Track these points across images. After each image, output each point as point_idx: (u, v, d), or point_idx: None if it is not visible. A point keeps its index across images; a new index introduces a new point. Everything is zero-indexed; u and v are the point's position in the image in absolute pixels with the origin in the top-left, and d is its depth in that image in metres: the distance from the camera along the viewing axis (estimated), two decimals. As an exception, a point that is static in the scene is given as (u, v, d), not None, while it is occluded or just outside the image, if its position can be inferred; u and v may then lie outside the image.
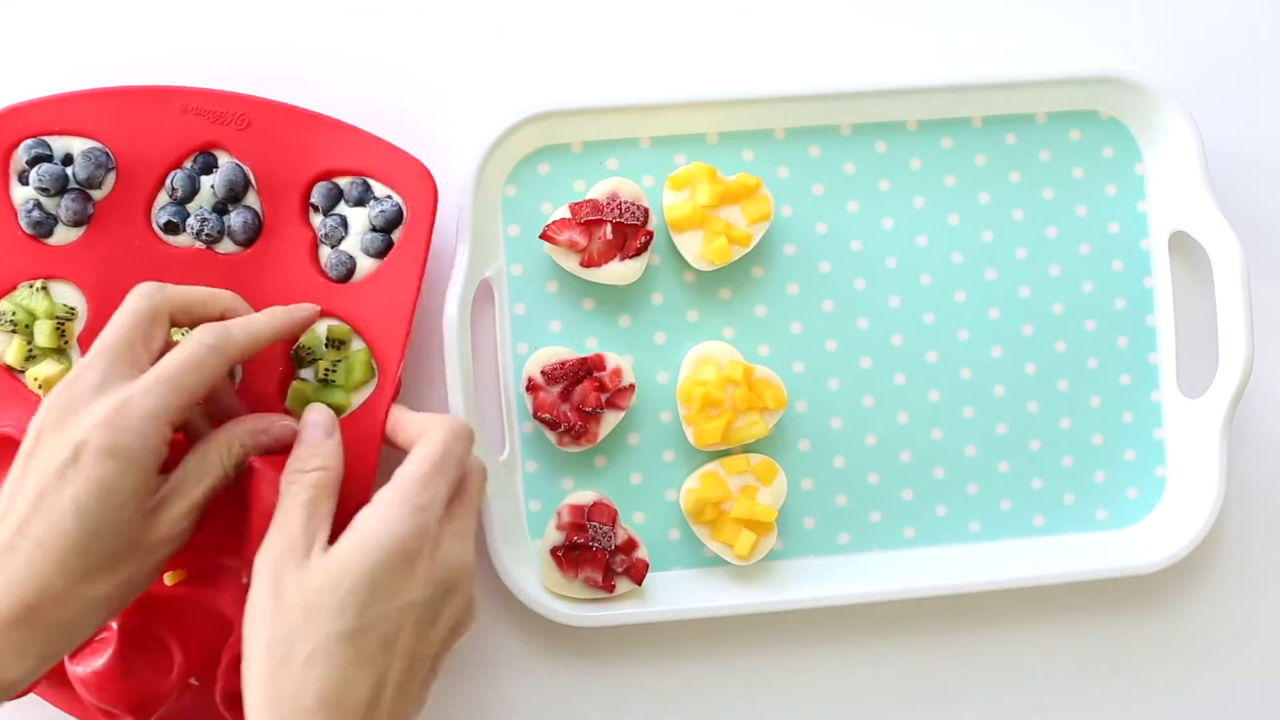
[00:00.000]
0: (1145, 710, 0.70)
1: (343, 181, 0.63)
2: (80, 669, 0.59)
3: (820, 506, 0.67)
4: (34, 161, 0.62)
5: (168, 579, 0.62)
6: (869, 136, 0.68)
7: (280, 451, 0.57)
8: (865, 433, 0.68)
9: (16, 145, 0.62)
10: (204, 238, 0.62)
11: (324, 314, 0.62)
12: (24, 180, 0.62)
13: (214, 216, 0.63)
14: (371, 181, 0.63)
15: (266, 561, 0.53)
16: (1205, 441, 0.67)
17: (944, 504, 0.68)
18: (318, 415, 0.58)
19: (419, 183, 0.63)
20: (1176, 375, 0.69)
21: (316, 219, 0.63)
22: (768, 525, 0.65)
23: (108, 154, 0.62)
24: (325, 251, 0.63)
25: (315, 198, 0.63)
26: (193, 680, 0.61)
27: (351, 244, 0.63)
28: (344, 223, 0.63)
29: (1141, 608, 0.69)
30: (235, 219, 0.63)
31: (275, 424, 0.58)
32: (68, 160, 0.62)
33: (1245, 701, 0.70)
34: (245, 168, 0.63)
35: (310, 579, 0.52)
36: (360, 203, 0.63)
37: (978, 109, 0.68)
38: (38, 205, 0.62)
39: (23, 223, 0.62)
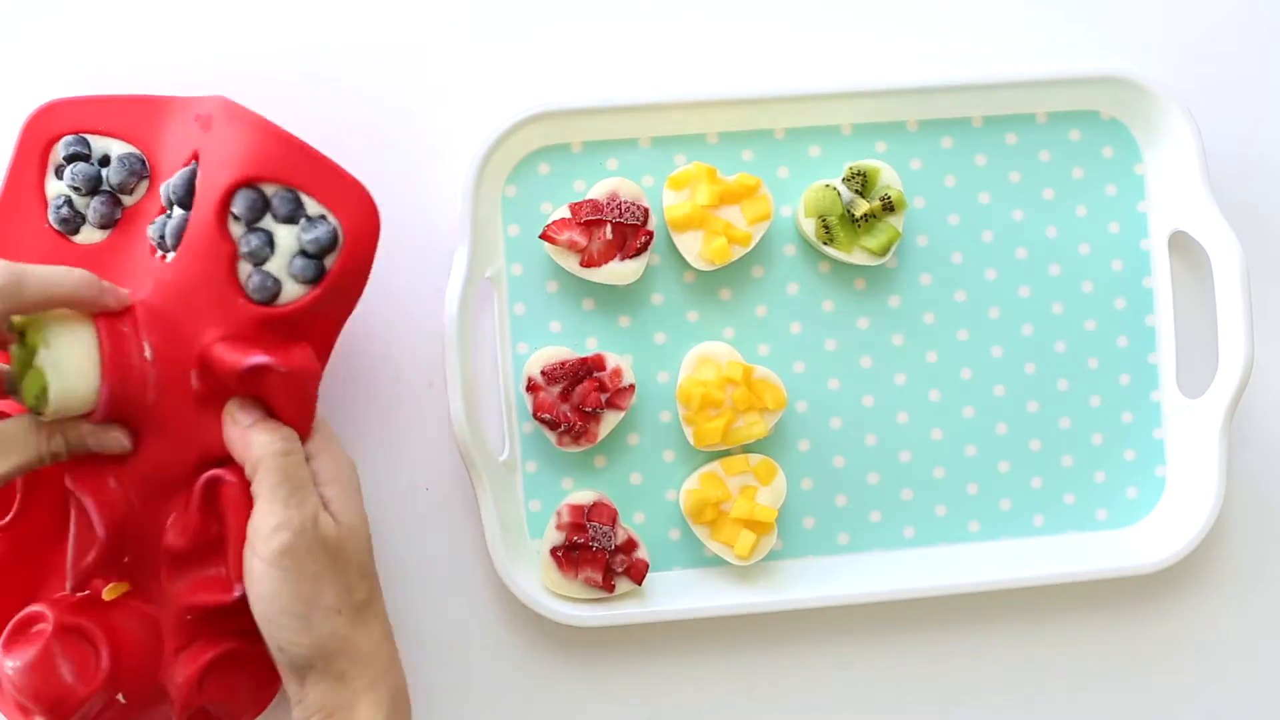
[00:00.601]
0: (1145, 710, 0.70)
1: (269, 190, 0.57)
2: (9, 661, 0.57)
3: (820, 506, 0.67)
4: (71, 159, 0.62)
5: (107, 593, 0.60)
6: (869, 136, 0.68)
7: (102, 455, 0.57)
8: (865, 433, 0.68)
9: (59, 139, 0.62)
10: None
11: (242, 339, 0.57)
12: (60, 175, 0.62)
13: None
14: (304, 196, 0.57)
15: (289, 533, 0.55)
16: (1205, 441, 0.67)
17: (944, 504, 0.68)
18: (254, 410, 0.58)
19: (357, 206, 0.57)
20: (1176, 375, 0.69)
21: (237, 230, 0.57)
22: (768, 525, 0.65)
23: (144, 161, 0.62)
24: (245, 269, 0.57)
25: (236, 207, 0.56)
26: (120, 697, 0.59)
27: (277, 265, 0.57)
28: (270, 240, 0.57)
29: (1141, 607, 0.69)
30: (171, 226, 0.59)
31: (109, 433, 0.57)
32: (104, 161, 0.62)
33: (1245, 701, 0.70)
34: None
35: (343, 543, 0.57)
36: (290, 220, 0.57)
37: (978, 109, 0.68)
38: (68, 202, 0.62)
39: (51, 218, 0.62)
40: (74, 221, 0.62)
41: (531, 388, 0.64)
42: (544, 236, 0.64)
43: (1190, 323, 0.69)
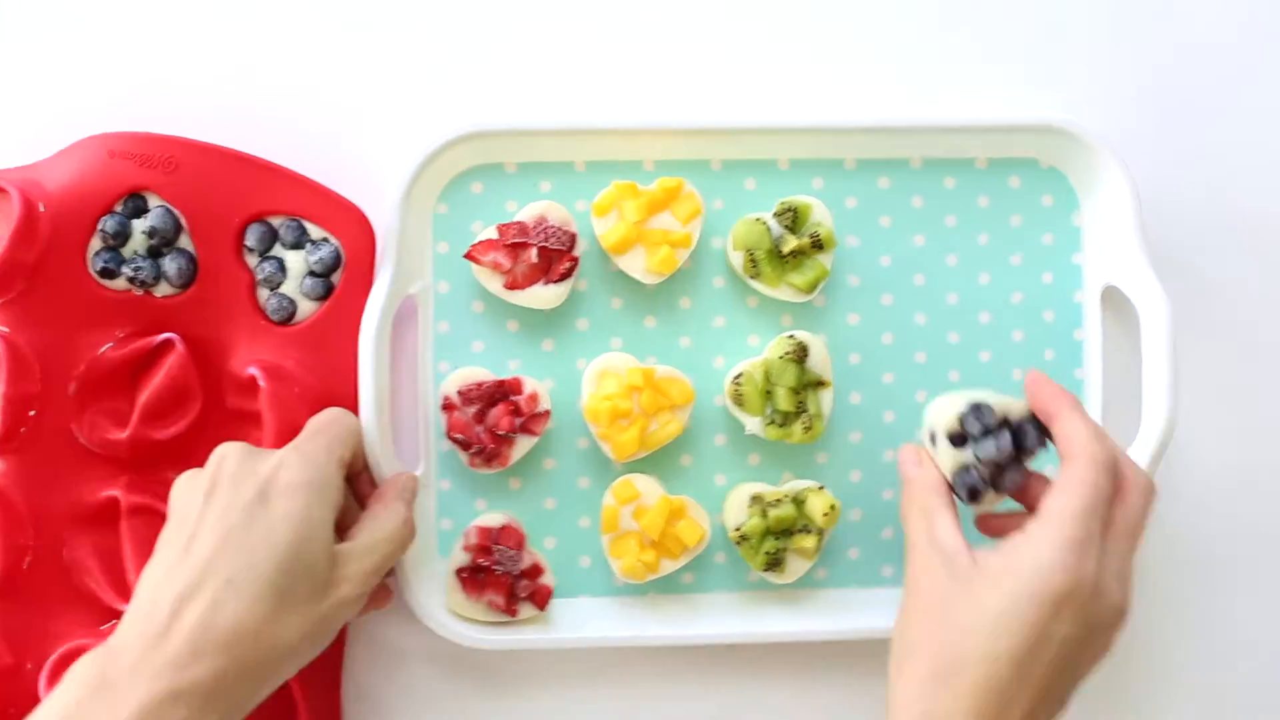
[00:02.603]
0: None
1: (275, 221, 0.64)
2: None
3: (729, 544, 0.67)
4: None
5: None
6: (806, 173, 0.67)
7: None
8: (782, 470, 0.67)
9: None
10: (139, 283, 0.63)
11: (265, 355, 0.63)
12: None
13: (147, 262, 0.63)
14: (306, 223, 0.64)
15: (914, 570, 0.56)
16: (1126, 499, 0.66)
17: (856, 547, 0.68)
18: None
19: (355, 225, 0.64)
20: (1102, 431, 0.68)
21: (252, 260, 0.64)
22: (673, 549, 0.64)
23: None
24: (264, 293, 0.64)
25: (249, 240, 0.64)
26: None
27: (290, 287, 0.64)
28: (281, 266, 0.64)
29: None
30: (170, 264, 0.63)
31: (411, 477, 0.62)
32: None
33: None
34: (175, 211, 0.63)
35: (978, 598, 0.53)
36: (297, 245, 0.64)
37: (917, 150, 0.67)
38: None
39: None
40: None
41: (447, 407, 0.64)
42: (468, 256, 0.64)
43: (1119, 377, 0.68)
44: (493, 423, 0.64)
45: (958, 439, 0.58)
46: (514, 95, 0.67)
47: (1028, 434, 0.58)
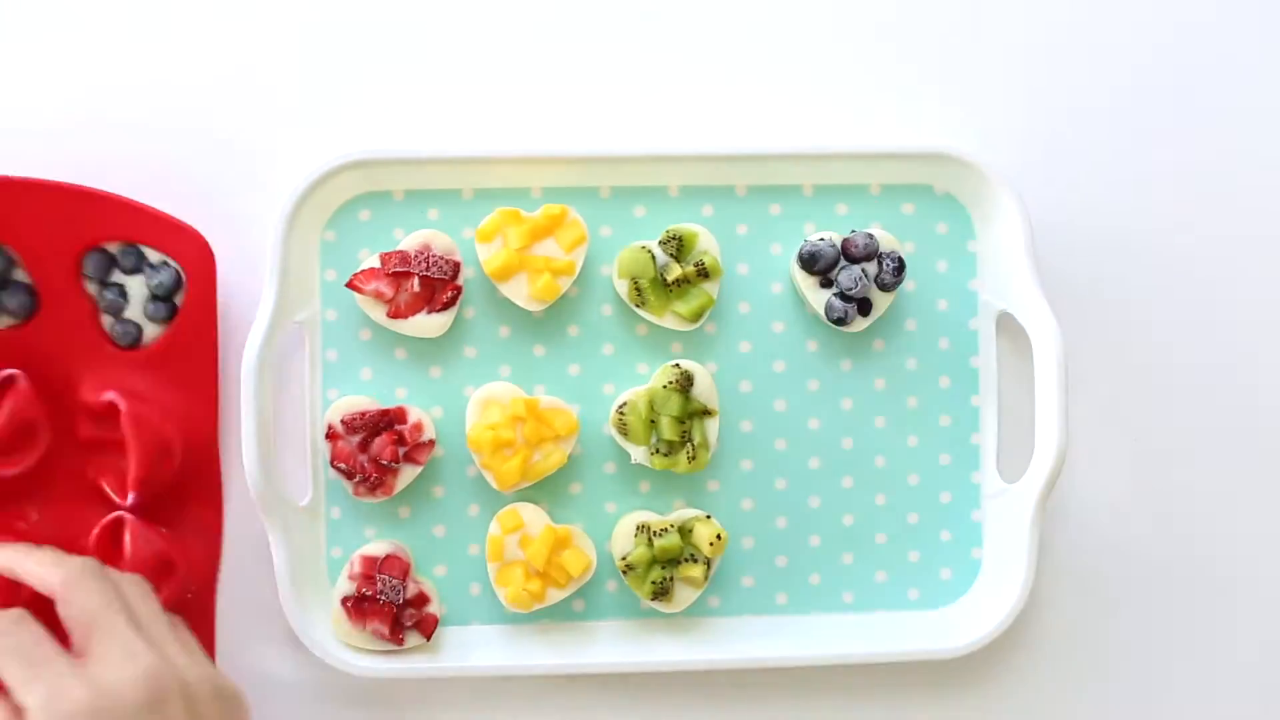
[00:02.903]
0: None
1: (112, 248, 0.64)
2: None
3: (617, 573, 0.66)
4: None
5: None
6: (696, 200, 0.67)
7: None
8: (674, 498, 0.67)
9: None
10: None
11: (116, 381, 0.64)
12: None
13: None
14: (144, 248, 0.64)
15: None
16: (1019, 526, 0.65)
17: (751, 575, 0.67)
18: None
19: (192, 246, 0.64)
20: (997, 457, 0.67)
21: (92, 288, 0.64)
22: (560, 579, 0.64)
23: None
24: (108, 320, 0.65)
25: (88, 268, 0.64)
26: None
27: (134, 312, 0.65)
28: (123, 292, 0.64)
29: (950, 688, 0.68)
30: (9, 298, 0.63)
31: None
32: None
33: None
34: (5, 247, 0.63)
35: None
36: (135, 270, 0.64)
37: (809, 178, 0.67)
38: None
39: None
40: None
41: (331, 436, 0.64)
42: (350, 285, 0.64)
43: (1014, 404, 0.67)
44: (376, 452, 0.64)
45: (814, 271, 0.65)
46: (403, 122, 0.67)
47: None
